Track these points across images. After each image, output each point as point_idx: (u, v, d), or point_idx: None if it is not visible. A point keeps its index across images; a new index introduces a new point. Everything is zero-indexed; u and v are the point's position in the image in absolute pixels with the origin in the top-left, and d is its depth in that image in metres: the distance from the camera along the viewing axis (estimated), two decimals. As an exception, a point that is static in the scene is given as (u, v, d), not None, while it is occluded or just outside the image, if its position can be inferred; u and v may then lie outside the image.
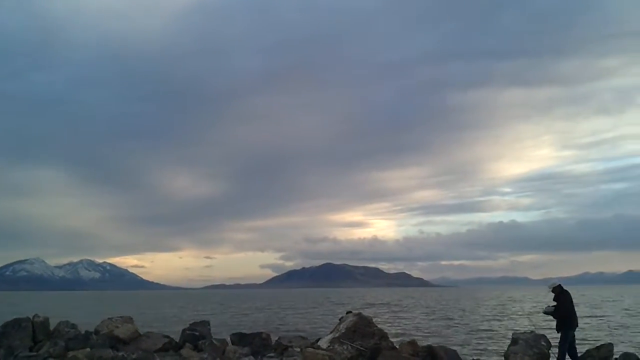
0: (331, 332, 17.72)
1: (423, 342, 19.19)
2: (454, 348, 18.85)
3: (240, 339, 19.50)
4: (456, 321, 41.39)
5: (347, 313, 18.60)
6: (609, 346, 15.55)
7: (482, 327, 35.67)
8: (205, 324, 20.34)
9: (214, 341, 18.12)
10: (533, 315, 44.00)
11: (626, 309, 57.41)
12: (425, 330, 33.68)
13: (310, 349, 15.65)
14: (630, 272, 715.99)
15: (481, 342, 27.24)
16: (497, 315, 48.28)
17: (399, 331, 32.41)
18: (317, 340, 17.95)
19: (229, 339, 19.57)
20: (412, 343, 16.92)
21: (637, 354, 16.29)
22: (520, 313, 51.62)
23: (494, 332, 32.12)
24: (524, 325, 35.55)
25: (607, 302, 78.77)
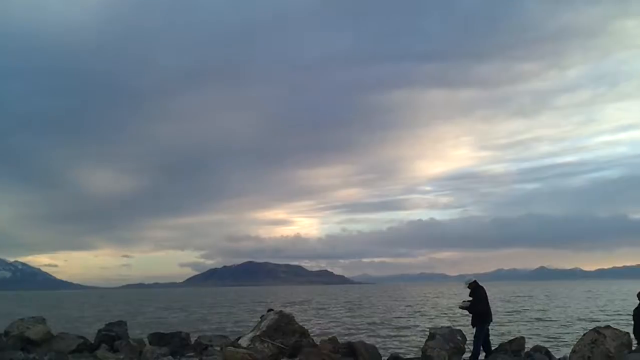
0: (252, 330, 17.59)
1: (344, 339, 19.34)
2: (374, 344, 19.11)
3: (158, 339, 19.11)
4: (376, 317, 42.00)
5: (268, 311, 18.50)
6: (521, 339, 16.14)
7: (402, 323, 36.33)
8: (122, 324, 19.81)
9: (131, 341, 17.69)
10: (450, 311, 45.25)
11: (538, 304, 59.88)
12: (346, 327, 33.99)
13: (230, 348, 15.48)
14: (541, 268, 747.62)
15: (401, 337, 27.74)
16: (416, 311, 49.31)
17: (320, 328, 32.60)
18: (238, 339, 17.79)
19: (146, 339, 19.15)
20: (333, 340, 17.02)
21: (546, 346, 17.02)
22: (438, 308, 52.95)
23: (413, 328, 32.77)
24: (441, 320, 36.51)
25: (520, 297, 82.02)
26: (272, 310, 18.51)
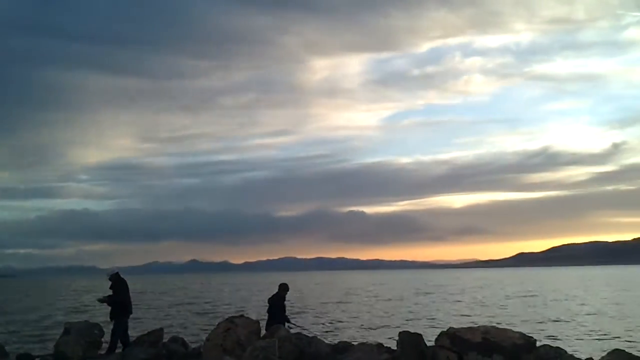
0: None
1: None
2: (3, 342, 17.47)
3: None
4: (15, 315, 38.61)
5: None
6: (159, 331, 16.24)
7: (40, 319, 34.09)
8: None
9: None
10: (91, 304, 43.79)
11: (189, 296, 61.63)
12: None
13: None
14: (193, 261, 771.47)
15: (35, 333, 25.92)
16: (61, 306, 46.75)
17: None
18: None
19: None
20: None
21: (183, 337, 17.51)
22: (79, 302, 51.11)
23: (51, 322, 30.97)
24: (81, 315, 35.24)
25: (173, 289, 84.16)
26: None
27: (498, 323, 24.11)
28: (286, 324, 16.02)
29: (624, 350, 12.36)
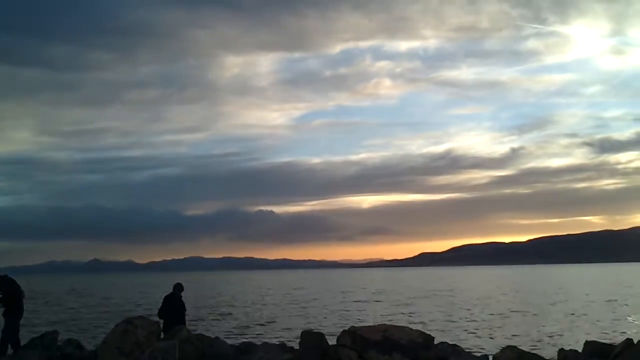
0: None
1: None
2: None
3: None
4: None
5: None
6: (54, 333, 15.61)
7: None
8: None
9: None
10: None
11: (91, 297, 59.54)
12: None
13: None
14: (95, 260, 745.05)
15: None
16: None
17: None
18: None
19: None
20: None
21: (80, 339, 16.89)
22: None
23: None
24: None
25: (71, 289, 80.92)
26: None
27: (401, 321, 24.68)
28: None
29: (516, 347, 12.95)
